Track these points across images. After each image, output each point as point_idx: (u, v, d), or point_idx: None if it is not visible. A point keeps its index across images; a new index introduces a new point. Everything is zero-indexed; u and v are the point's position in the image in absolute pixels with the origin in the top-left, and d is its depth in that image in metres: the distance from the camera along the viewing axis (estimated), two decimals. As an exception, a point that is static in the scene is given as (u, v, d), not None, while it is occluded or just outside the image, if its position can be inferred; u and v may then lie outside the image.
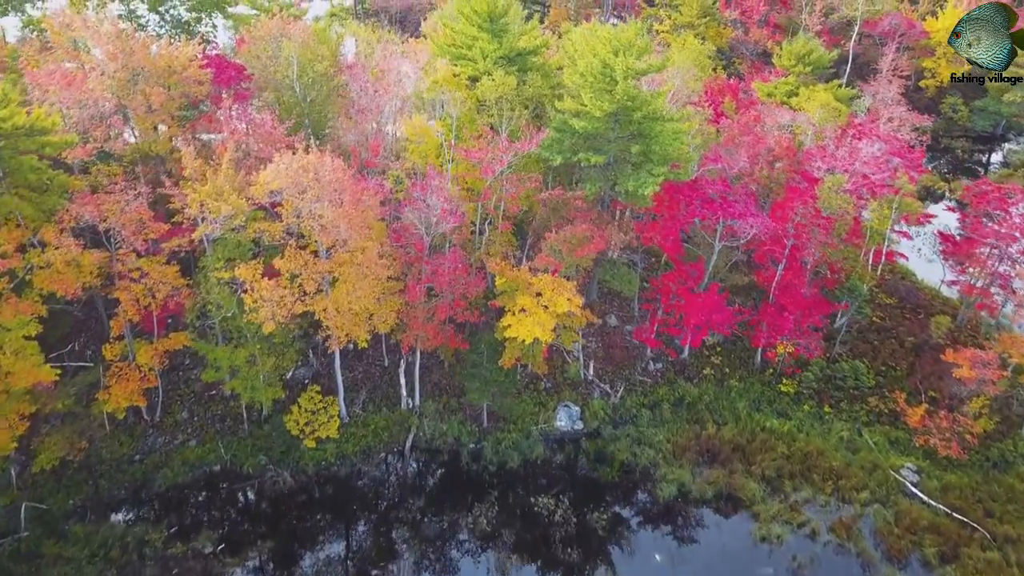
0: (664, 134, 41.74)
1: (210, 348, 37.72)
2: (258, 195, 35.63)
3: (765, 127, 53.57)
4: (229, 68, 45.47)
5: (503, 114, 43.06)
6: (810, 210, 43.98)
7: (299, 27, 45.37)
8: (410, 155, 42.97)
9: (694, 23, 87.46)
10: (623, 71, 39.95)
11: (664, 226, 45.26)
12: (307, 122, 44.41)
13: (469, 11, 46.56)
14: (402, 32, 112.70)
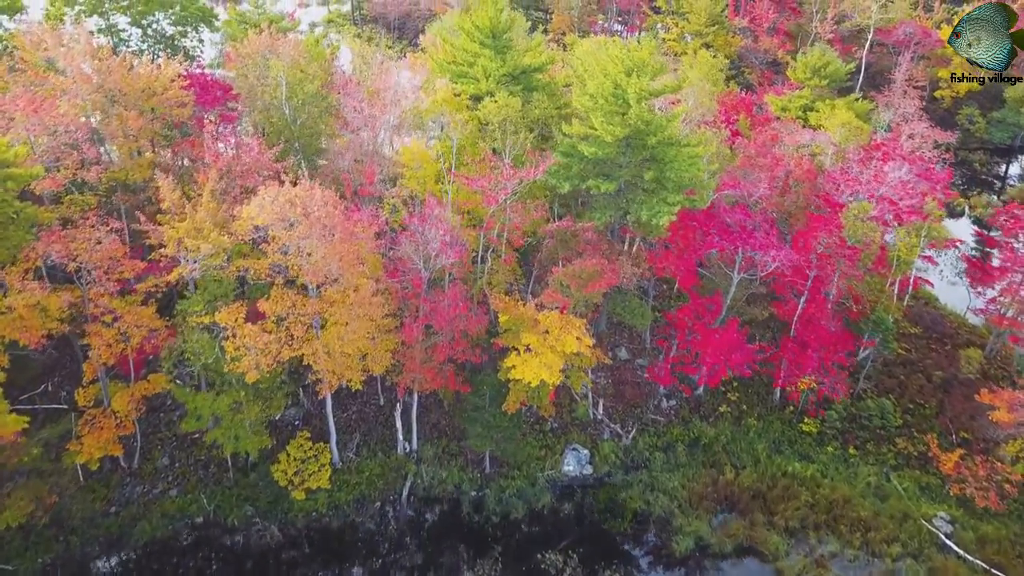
0: (679, 159, 38.87)
1: (190, 395, 34.80)
2: (241, 231, 32.77)
3: (783, 146, 50.71)
4: (214, 87, 42.60)
5: (507, 138, 40.21)
6: (835, 240, 41.11)
7: (288, 43, 42.47)
8: (407, 181, 40.10)
9: (702, 31, 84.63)
10: (636, 93, 37.09)
11: (679, 256, 42.38)
12: (297, 145, 41.53)
13: (470, 27, 43.67)
14: (400, 39, 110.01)
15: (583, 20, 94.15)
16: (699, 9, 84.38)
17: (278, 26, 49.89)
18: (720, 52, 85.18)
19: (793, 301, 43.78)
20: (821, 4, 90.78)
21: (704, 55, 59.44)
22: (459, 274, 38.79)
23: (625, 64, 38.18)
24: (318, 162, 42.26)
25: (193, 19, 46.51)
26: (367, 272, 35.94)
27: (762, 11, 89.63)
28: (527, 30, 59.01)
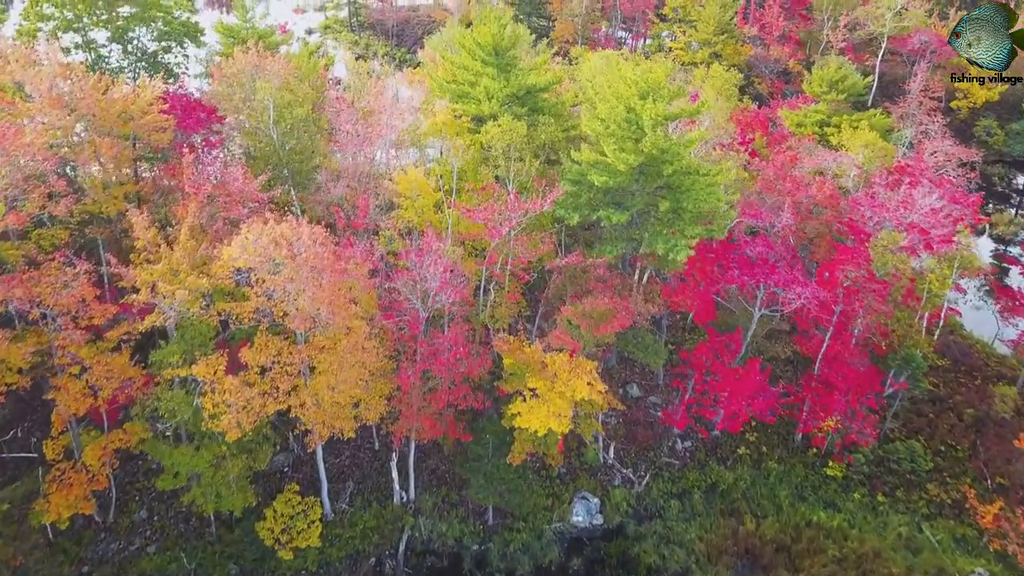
0: (697, 188, 36.03)
1: (166, 450, 31.92)
2: (222, 274, 29.94)
3: (802, 167, 47.86)
4: (197, 109, 39.69)
5: (511, 164, 37.37)
6: (863, 273, 38.27)
7: (276, 62, 39.56)
8: (404, 212, 37.22)
9: (711, 40, 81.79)
10: (652, 119, 34.24)
11: (695, 290, 39.56)
12: (287, 172, 38.66)
13: (471, 44, 40.80)
14: (398, 46, 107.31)
15: (587, 27, 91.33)
16: (707, 17, 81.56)
17: (267, 41, 47.04)
18: (729, 61, 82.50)
19: (817, 337, 40.95)
20: (833, 12, 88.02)
21: (717, 69, 56.59)
22: (460, 311, 35.94)
23: (639, 87, 35.33)
24: (309, 190, 39.36)
25: (177, 35, 43.68)
26: (361, 312, 33.11)
27: (772, 19, 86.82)
28: (531, 42, 56.23)
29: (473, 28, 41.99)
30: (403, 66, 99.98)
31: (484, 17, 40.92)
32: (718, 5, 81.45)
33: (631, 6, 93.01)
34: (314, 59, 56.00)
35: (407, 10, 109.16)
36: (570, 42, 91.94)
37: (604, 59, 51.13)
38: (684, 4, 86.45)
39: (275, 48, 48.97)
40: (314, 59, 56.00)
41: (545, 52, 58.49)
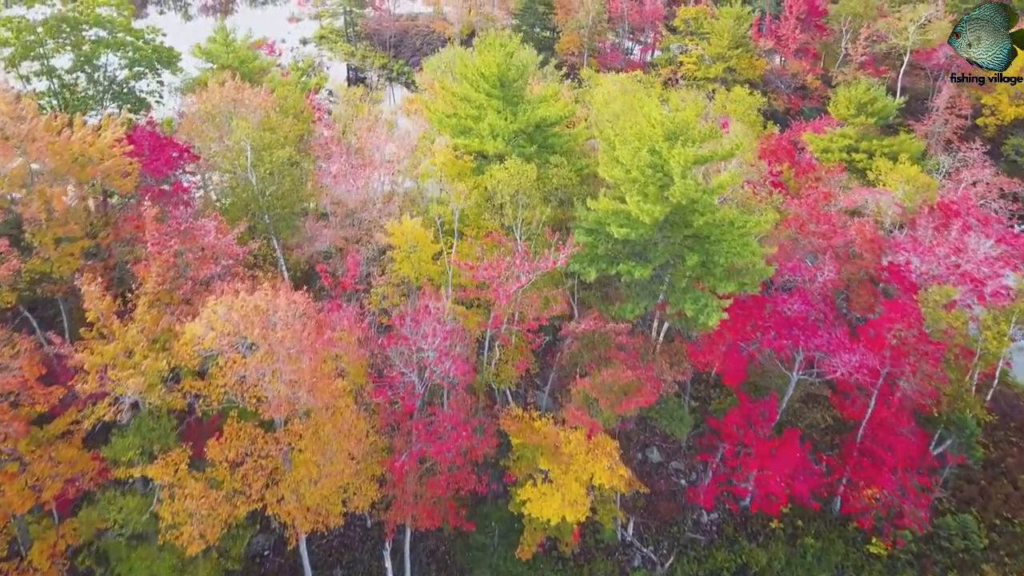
0: (729, 239, 31.82)
1: (123, 551, 27.64)
2: (184, 354, 25.74)
3: (836, 203, 43.69)
4: (167, 148, 35.43)
5: (519, 212, 33.16)
6: (914, 333, 34.05)
7: (256, 96, 35.30)
8: (399, 265, 32.99)
9: (725, 54, 77.57)
10: (681, 166, 30.02)
11: (726, 351, 35.34)
12: (267, 219, 34.44)
13: (474, 75, 36.54)
14: (396, 57, 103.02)
15: (593, 39, 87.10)
16: (721, 30, 77.37)
17: (249, 67, 42.83)
18: (744, 76, 78.40)
19: (859, 399, 36.70)
20: (852, 23, 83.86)
21: (740, 92, 52.36)
22: (462, 381, 31.66)
23: (665, 128, 31.11)
24: (293, 240, 35.14)
25: (149, 61, 39.55)
26: (348, 385, 28.92)
27: (788, 31, 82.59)
28: (537, 63, 52.03)
29: (476, 54, 37.74)
30: (400, 78, 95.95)
31: (488, 44, 36.70)
32: (732, 18, 77.28)
33: (639, 17, 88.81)
34: (301, 84, 51.85)
35: (406, 19, 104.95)
36: (576, 54, 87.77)
37: (618, 84, 46.94)
38: (696, 16, 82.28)
39: (260, 72, 44.73)
40: (301, 84, 51.85)
41: (553, 75, 54.36)
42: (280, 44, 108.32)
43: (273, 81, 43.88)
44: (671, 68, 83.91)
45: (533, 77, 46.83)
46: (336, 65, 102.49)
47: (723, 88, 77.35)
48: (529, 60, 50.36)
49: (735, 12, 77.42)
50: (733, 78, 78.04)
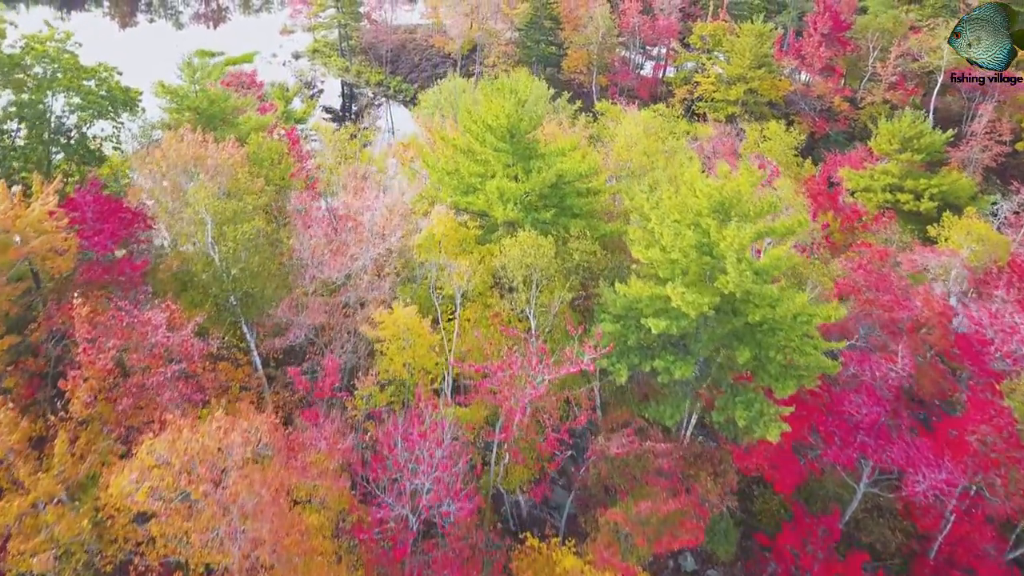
0: (788, 328, 26.28)
1: None
2: (114, 506, 20.23)
3: (893, 262, 38.13)
4: (115, 213, 29.83)
5: (532, 294, 27.62)
6: (1005, 437, 28.51)
7: (222, 152, 29.65)
8: (389, 362, 27.43)
9: (746, 75, 71.99)
10: (736, 252, 24.46)
11: (777, 453, 29.80)
12: (233, 301, 28.83)
13: (480, 128, 30.90)
14: (393, 74, 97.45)
15: (603, 56, 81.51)
16: (742, 49, 71.79)
17: (222, 107, 37.22)
18: (766, 97, 72.90)
19: (931, 508, 31.13)
20: (880, 40, 78.27)
21: (775, 128, 46.74)
22: (465, 512, 26.04)
23: (713, 200, 25.55)
24: (265, 326, 29.56)
25: (103, 106, 33.96)
26: (326, 520, 23.45)
27: (812, 48, 76.99)
28: (549, 97, 46.46)
29: (479, 97, 32.11)
30: (398, 96, 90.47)
31: (496, 89, 31.09)
32: (754, 35, 71.72)
33: (652, 32, 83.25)
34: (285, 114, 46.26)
35: (403, 32, 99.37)
36: (584, 72, 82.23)
37: (639, 124, 41.40)
38: (714, 32, 76.76)
39: (234, 112, 39.15)
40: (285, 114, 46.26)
41: (566, 109, 48.77)
42: (271, 58, 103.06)
43: (248, 123, 38.26)
44: (687, 88, 78.38)
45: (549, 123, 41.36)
46: (330, 81, 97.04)
47: (743, 111, 72.01)
48: (540, 94, 44.93)
49: (757, 29, 71.87)
50: (755, 100, 72.54)
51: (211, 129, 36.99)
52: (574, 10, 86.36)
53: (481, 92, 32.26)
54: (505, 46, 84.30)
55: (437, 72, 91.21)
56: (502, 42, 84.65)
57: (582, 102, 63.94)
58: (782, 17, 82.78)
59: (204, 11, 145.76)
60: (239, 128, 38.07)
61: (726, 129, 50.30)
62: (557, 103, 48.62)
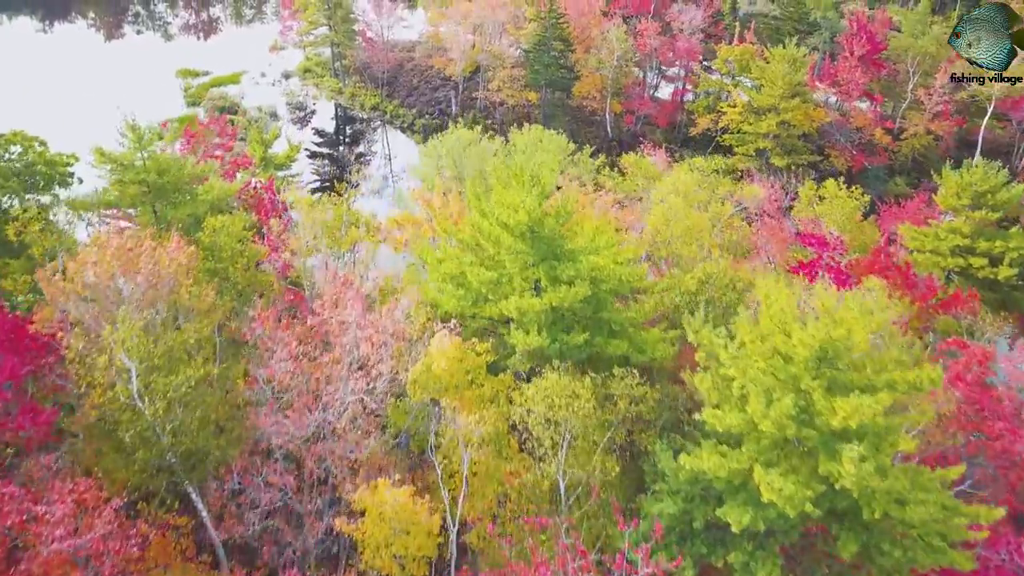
0: (917, 503, 19.41)
1: None
2: None
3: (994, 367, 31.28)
4: (20, 340, 23.00)
5: (561, 460, 20.79)
6: None
7: (161, 261, 22.78)
8: (374, 557, 20.55)
9: (777, 105, 65.13)
10: (843, 418, 17.59)
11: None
12: (172, 460, 21.97)
13: (493, 227, 24.02)
14: (389, 97, 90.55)
15: (618, 81, 74.68)
16: (774, 77, 64.89)
17: (176, 177, 30.37)
18: (799, 130, 66.07)
19: None
20: (922, 64, 71.46)
21: (833, 187, 39.75)
22: None
23: (812, 350, 18.69)
24: (211, 492, 22.66)
25: (27, 180, 27.20)
26: None
27: (848, 73, 70.14)
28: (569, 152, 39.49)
29: (493, 198, 25.11)
30: (395, 121, 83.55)
31: (514, 176, 24.23)
32: (786, 61, 64.86)
33: (672, 55, 76.39)
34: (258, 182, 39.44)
35: (401, 51, 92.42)
36: (596, 98, 75.43)
37: (681, 186, 34.55)
38: (741, 57, 69.86)
39: (193, 181, 32.32)
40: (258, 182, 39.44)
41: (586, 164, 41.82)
42: (260, 78, 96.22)
43: (209, 194, 31.38)
44: (710, 117, 71.56)
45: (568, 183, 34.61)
46: (323, 103, 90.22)
47: (775, 144, 65.16)
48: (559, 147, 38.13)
49: (790, 54, 65.00)
50: (788, 133, 65.71)
51: (163, 203, 30.27)
52: (586, 29, 79.64)
53: (495, 179, 25.31)
54: (511, 69, 77.47)
55: (437, 96, 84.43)
56: (507, 65, 77.80)
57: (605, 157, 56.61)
58: (813, 39, 75.96)
59: (194, 22, 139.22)
60: (197, 202, 31.25)
61: (771, 186, 43.50)
62: (578, 156, 41.69)
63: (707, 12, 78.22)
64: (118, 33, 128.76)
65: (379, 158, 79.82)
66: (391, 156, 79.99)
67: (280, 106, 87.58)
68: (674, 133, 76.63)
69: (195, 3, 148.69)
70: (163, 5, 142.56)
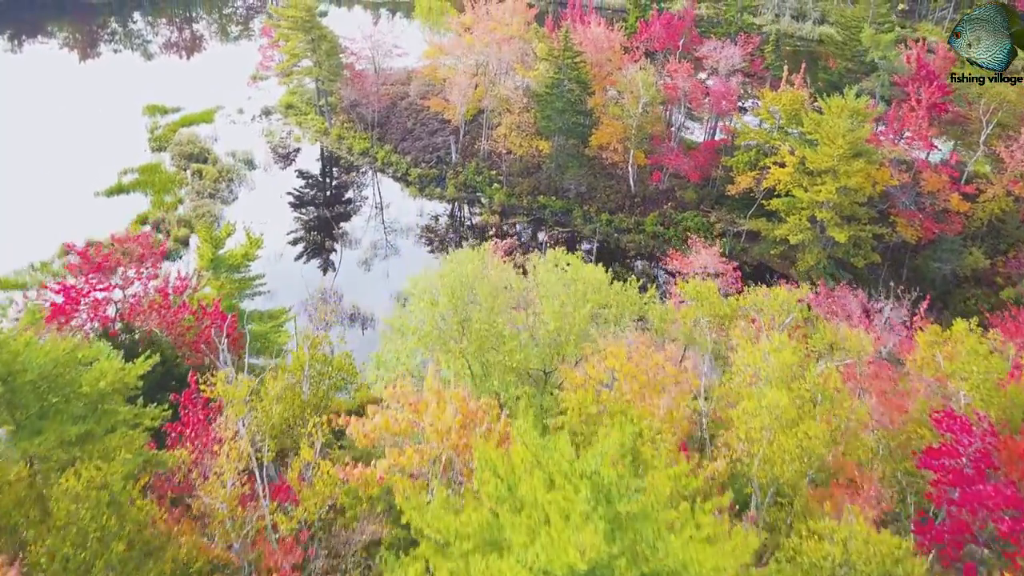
0: None
1: None
2: None
3: None
4: None
5: None
6: None
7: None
8: None
9: (836, 168, 54.81)
10: None
11: None
12: None
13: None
14: (381, 140, 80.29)
15: (643, 130, 64.38)
16: (832, 133, 54.50)
17: (47, 361, 20.25)
18: (860, 194, 55.77)
19: None
20: (996, 112, 61.03)
21: (962, 329, 29.44)
22: None
23: None
24: None
25: None
26: None
27: (915, 124, 59.86)
28: (607, 282, 29.06)
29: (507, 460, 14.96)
30: (387, 169, 73.22)
31: (567, 476, 14.00)
32: (847, 115, 54.55)
33: (707, 101, 66.03)
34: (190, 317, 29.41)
35: (393, 84, 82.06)
36: (617, 150, 65.19)
37: (778, 379, 24.26)
38: (791, 106, 59.43)
39: (73, 368, 22.13)
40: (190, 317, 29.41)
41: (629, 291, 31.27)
42: (237, 115, 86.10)
43: (103, 379, 21.21)
44: (752, 175, 61.28)
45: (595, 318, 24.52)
46: (307, 146, 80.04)
47: (833, 214, 54.80)
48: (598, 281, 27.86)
49: (851, 106, 54.63)
50: (850, 201, 55.43)
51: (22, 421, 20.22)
52: (604, 66, 69.36)
53: (514, 439, 15.07)
54: (518, 115, 67.25)
55: (435, 142, 74.17)
56: (515, 110, 67.57)
57: (627, 217, 45.67)
58: (869, 82, 65.58)
59: (177, 39, 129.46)
60: (82, 398, 21.23)
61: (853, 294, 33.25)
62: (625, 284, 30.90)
63: (746, 49, 67.88)
64: (93, 53, 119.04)
65: (371, 207, 69.77)
66: (383, 205, 70.01)
67: (258, 149, 77.41)
68: (708, 190, 66.38)
69: (178, 20, 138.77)
70: (142, 23, 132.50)
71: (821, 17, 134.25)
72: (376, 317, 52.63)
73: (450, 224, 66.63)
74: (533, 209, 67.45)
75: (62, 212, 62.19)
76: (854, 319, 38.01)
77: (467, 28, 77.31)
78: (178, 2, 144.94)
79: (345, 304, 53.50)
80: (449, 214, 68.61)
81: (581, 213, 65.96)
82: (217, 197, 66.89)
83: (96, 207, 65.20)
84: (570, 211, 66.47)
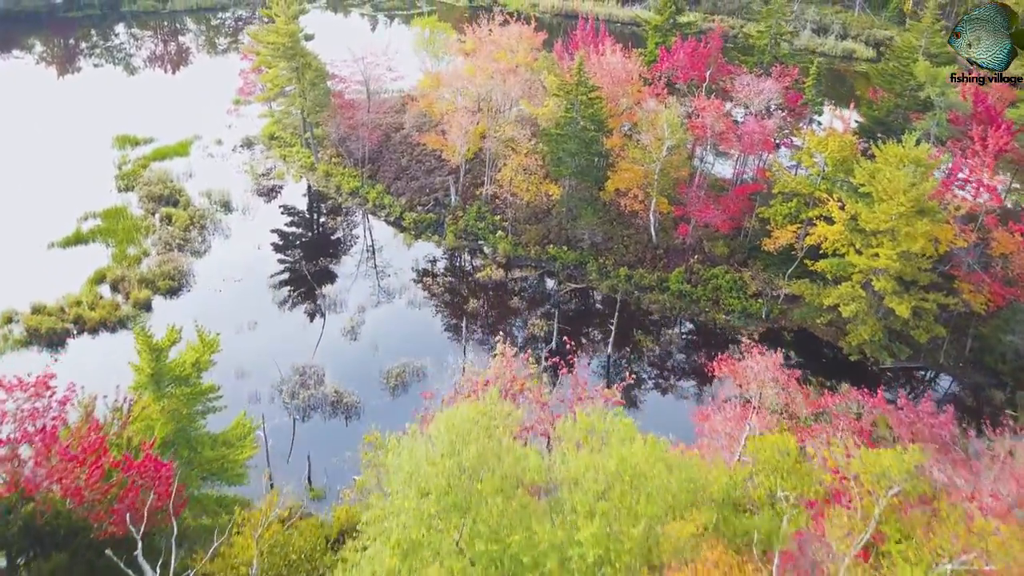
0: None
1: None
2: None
3: None
4: None
5: None
6: None
7: None
8: None
9: (895, 228, 47.04)
10: None
11: None
12: None
13: None
14: (372, 179, 72.58)
15: (665, 176, 56.65)
16: (892, 188, 46.71)
17: None
18: (919, 258, 48.06)
19: None
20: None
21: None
22: None
23: None
24: None
25: None
26: None
27: (980, 170, 52.15)
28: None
29: None
30: (379, 211, 65.61)
31: None
32: (909, 166, 46.79)
33: (740, 142, 58.25)
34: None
35: (386, 113, 74.28)
36: (638, 199, 57.53)
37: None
38: (840, 153, 51.64)
39: None
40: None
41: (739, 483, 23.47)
42: (216, 145, 78.41)
43: None
44: (793, 229, 53.55)
45: None
46: (291, 184, 72.24)
47: (892, 282, 47.00)
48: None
49: (912, 155, 46.86)
50: (911, 266, 47.70)
51: None
52: (620, 100, 61.71)
53: None
54: (525, 156, 59.59)
55: (432, 183, 66.47)
56: (521, 151, 59.91)
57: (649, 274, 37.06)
58: (923, 123, 57.74)
59: (162, 51, 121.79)
60: None
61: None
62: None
63: (782, 82, 60.13)
64: (72, 68, 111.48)
65: (359, 257, 62.10)
66: (374, 248, 62.43)
67: (236, 187, 69.56)
68: (739, 240, 58.71)
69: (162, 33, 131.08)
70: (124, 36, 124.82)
71: (843, 31, 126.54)
72: (363, 404, 45.10)
73: (449, 283, 58.62)
74: (542, 260, 59.81)
75: (5, 269, 54.58)
76: (948, 451, 30.29)
77: (468, 53, 69.66)
78: (163, 15, 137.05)
79: (327, 386, 45.93)
80: (447, 267, 60.86)
81: (596, 266, 58.28)
82: (187, 248, 59.22)
83: (49, 261, 57.46)
84: (584, 264, 58.82)
